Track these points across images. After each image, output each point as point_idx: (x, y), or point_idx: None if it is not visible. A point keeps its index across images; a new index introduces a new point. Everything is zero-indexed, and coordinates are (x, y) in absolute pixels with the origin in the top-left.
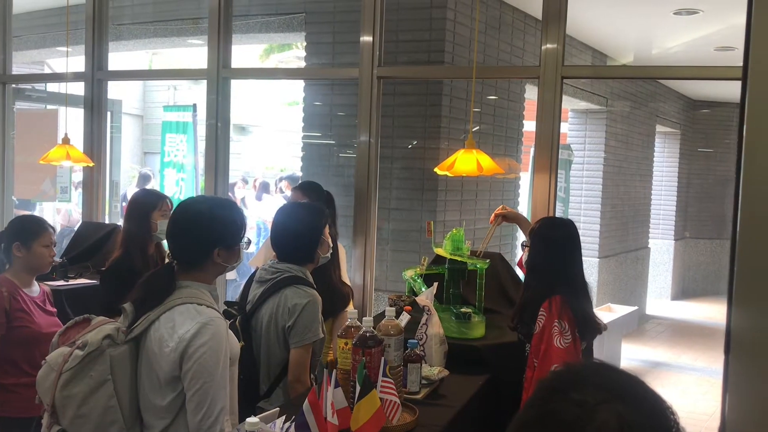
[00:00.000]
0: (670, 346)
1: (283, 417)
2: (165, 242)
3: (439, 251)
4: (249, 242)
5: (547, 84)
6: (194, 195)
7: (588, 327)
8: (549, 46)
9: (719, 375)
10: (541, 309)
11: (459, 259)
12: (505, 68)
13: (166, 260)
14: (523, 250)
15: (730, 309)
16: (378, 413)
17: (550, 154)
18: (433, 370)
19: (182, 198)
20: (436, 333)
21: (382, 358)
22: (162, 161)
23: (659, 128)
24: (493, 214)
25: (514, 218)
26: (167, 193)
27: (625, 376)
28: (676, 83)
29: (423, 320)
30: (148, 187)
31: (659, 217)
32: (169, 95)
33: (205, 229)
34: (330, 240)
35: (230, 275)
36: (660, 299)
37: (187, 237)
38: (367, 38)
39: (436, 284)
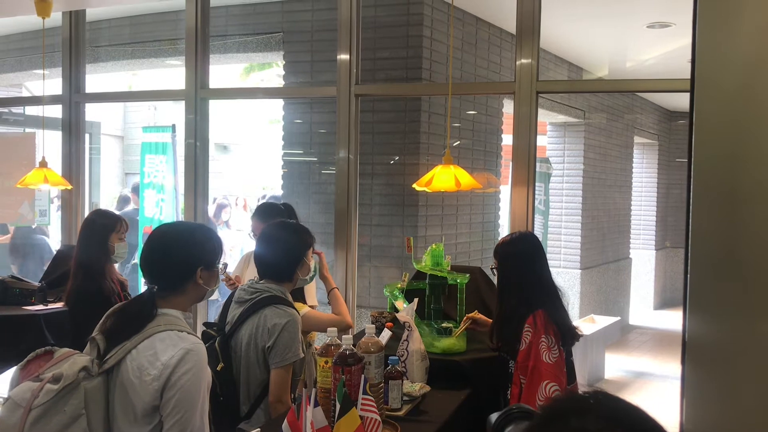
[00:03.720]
0: (653, 356)
1: None
2: (117, 265)
3: (420, 267)
4: (226, 265)
5: (523, 99)
6: (175, 216)
7: (569, 336)
8: (523, 61)
9: None
10: (526, 325)
11: (439, 274)
12: (481, 84)
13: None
14: (494, 273)
15: (685, 317)
16: (358, 430)
17: (527, 168)
18: (415, 387)
19: (162, 219)
20: (417, 349)
21: (363, 376)
22: (141, 182)
23: (637, 139)
24: (466, 317)
25: (484, 324)
26: (147, 214)
27: (627, 405)
28: (652, 95)
29: (404, 336)
30: (128, 209)
31: (640, 227)
32: (149, 116)
33: (187, 249)
34: (312, 263)
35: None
36: (643, 309)
37: (169, 259)
38: (344, 56)
39: (416, 300)
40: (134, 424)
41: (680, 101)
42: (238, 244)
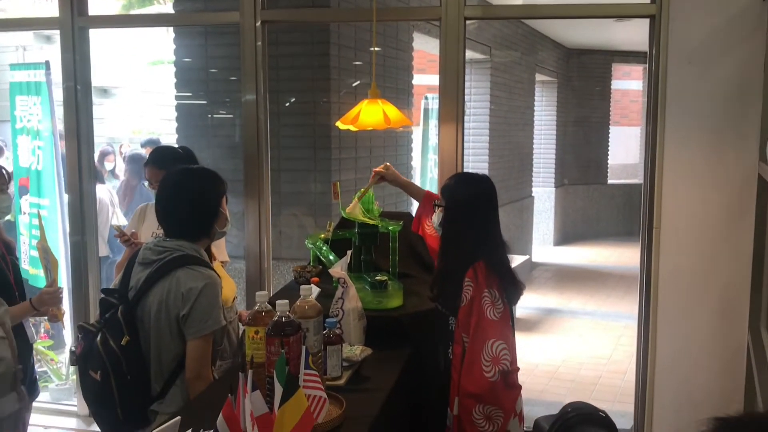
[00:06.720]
0: (559, 292)
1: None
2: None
3: (348, 215)
4: None
5: (450, 26)
6: (54, 165)
7: (513, 289)
8: None
9: (610, 318)
10: (466, 278)
11: (370, 222)
12: (405, 9)
13: None
14: (435, 210)
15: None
16: (306, 415)
17: (456, 103)
18: (355, 350)
19: (40, 169)
20: (353, 307)
21: (304, 347)
22: (13, 128)
23: (538, 77)
24: (373, 171)
25: (394, 179)
26: (23, 164)
27: None
28: (553, 31)
29: (338, 294)
30: (2, 159)
31: (540, 165)
32: (17, 57)
33: None
34: (227, 212)
35: (102, 251)
36: (544, 246)
37: None
38: None
39: (349, 253)
40: None
41: (578, 38)
42: (128, 193)
